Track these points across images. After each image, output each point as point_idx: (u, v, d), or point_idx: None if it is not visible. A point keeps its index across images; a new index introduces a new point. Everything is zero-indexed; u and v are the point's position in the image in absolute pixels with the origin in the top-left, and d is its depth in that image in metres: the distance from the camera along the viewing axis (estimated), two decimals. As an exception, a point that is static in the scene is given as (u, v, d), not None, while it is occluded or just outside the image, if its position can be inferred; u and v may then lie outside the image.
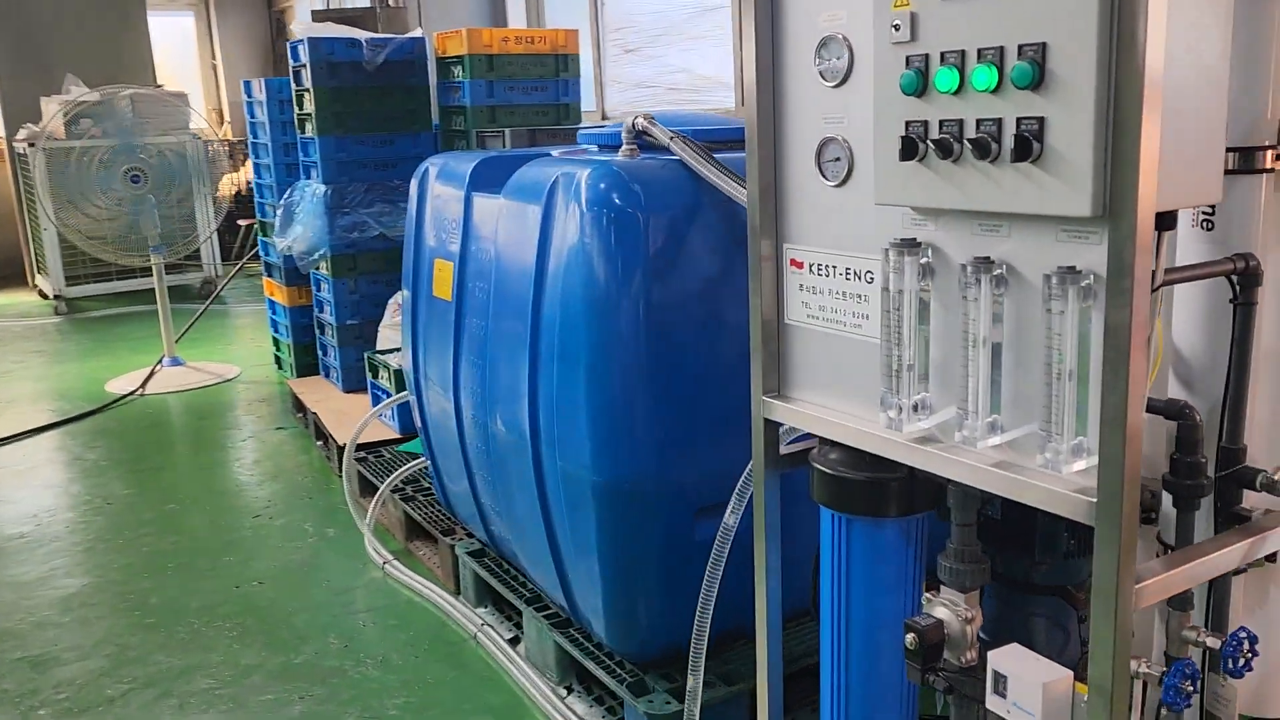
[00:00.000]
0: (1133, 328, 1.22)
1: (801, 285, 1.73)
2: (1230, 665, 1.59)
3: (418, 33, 5.22)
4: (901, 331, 1.51)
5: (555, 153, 2.87)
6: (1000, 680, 1.45)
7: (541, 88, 4.86)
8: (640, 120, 2.41)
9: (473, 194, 2.85)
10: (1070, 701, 1.41)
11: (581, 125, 3.96)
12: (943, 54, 1.34)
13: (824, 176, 1.64)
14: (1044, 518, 1.64)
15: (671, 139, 2.31)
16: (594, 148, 2.79)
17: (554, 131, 3.90)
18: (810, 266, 1.71)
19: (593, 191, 2.27)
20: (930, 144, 1.36)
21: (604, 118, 7.26)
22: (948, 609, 1.63)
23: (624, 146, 2.46)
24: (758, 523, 1.88)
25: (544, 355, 2.42)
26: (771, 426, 1.84)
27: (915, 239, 1.48)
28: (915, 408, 1.52)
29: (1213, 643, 1.60)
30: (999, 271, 1.38)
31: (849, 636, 1.75)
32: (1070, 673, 1.44)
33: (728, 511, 2.02)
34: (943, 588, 1.66)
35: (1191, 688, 1.49)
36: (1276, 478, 1.67)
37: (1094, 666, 1.33)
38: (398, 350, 4.41)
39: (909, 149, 1.40)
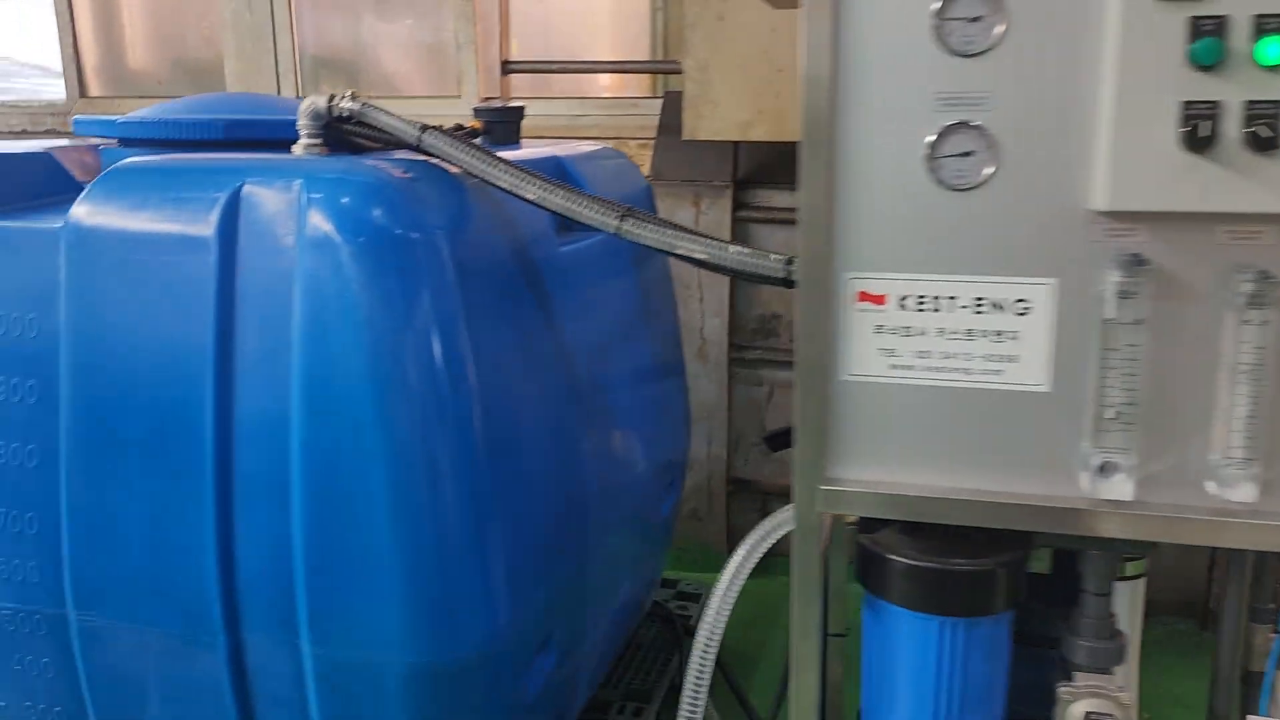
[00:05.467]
0: None
1: (880, 326, 1.27)
2: None
3: None
4: (1113, 372, 1.18)
5: (134, 160, 1.66)
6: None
7: None
8: (347, 103, 1.57)
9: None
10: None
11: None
12: (1258, 17, 1.05)
13: (937, 178, 1.21)
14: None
15: (425, 131, 1.55)
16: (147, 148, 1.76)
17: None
18: (899, 300, 1.26)
19: (341, 211, 1.41)
20: (1246, 133, 1.06)
21: None
22: (1103, 697, 1.35)
23: (304, 140, 1.59)
24: (800, 662, 1.35)
25: (250, 486, 1.46)
26: (817, 527, 1.33)
27: (1141, 255, 1.17)
28: (1119, 464, 1.21)
29: None
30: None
31: (955, 766, 1.36)
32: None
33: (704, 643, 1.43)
34: (1079, 674, 1.38)
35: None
36: None
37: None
38: None
39: (1202, 138, 1.08)
